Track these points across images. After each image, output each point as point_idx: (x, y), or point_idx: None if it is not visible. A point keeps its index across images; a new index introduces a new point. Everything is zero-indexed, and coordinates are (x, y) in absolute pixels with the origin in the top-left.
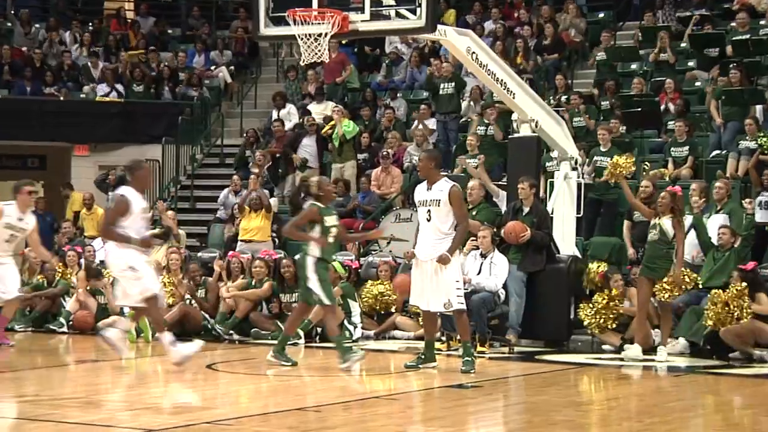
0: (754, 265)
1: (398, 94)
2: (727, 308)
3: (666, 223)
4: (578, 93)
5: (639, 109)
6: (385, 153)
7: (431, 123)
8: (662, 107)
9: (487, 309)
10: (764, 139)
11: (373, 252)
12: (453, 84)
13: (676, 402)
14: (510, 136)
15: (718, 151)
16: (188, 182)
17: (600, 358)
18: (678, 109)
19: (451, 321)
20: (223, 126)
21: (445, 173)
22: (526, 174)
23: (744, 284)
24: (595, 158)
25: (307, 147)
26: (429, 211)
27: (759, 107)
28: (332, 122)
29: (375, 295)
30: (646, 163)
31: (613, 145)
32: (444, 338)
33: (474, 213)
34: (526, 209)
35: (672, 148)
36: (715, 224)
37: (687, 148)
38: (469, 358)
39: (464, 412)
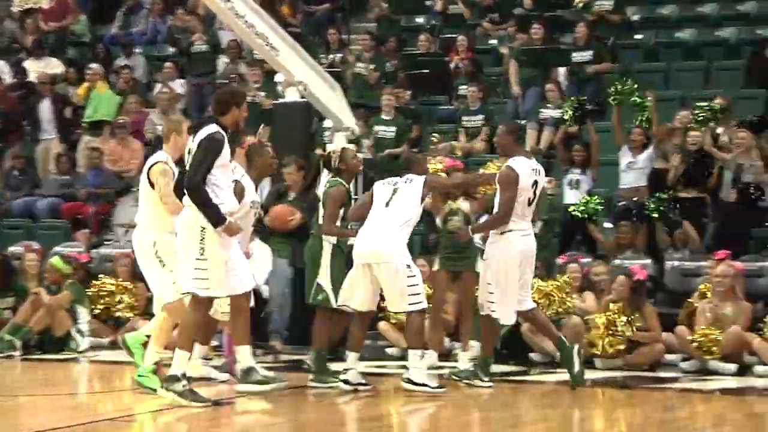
0: (645, 275)
1: (136, 50)
2: (612, 329)
3: (465, 206)
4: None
5: (426, 71)
6: (121, 121)
7: (178, 85)
8: (453, 68)
9: None
10: (570, 110)
11: (107, 242)
12: (205, 38)
13: (468, 416)
14: (274, 102)
15: (517, 121)
16: None
17: (385, 366)
18: (470, 71)
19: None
20: None
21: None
22: (292, 147)
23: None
24: (376, 128)
25: (44, 113)
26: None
27: (562, 70)
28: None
29: (108, 294)
30: (435, 135)
31: (398, 113)
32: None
33: None
34: (293, 194)
35: (464, 117)
36: None
37: (481, 116)
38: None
39: None
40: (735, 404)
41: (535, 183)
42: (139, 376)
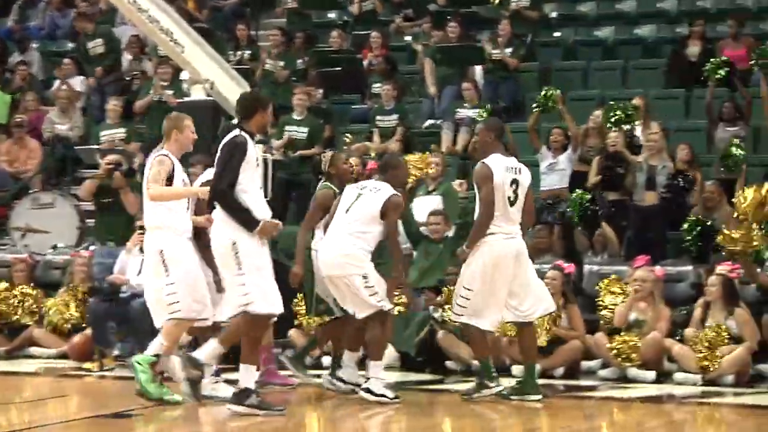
0: (573, 269)
1: (33, 45)
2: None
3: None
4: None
5: (338, 69)
6: (18, 120)
7: (78, 82)
8: (366, 66)
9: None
10: (486, 112)
11: (2, 247)
12: (101, 39)
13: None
14: (179, 101)
15: (432, 121)
16: None
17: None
18: (383, 69)
19: (104, 332)
20: None
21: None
22: (198, 149)
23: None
24: (287, 129)
25: None
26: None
27: (478, 69)
28: None
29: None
30: (347, 135)
31: (310, 112)
32: (97, 356)
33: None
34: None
35: (378, 117)
36: (426, 208)
37: (395, 116)
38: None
39: None
40: (654, 412)
41: (515, 182)
42: (137, 363)
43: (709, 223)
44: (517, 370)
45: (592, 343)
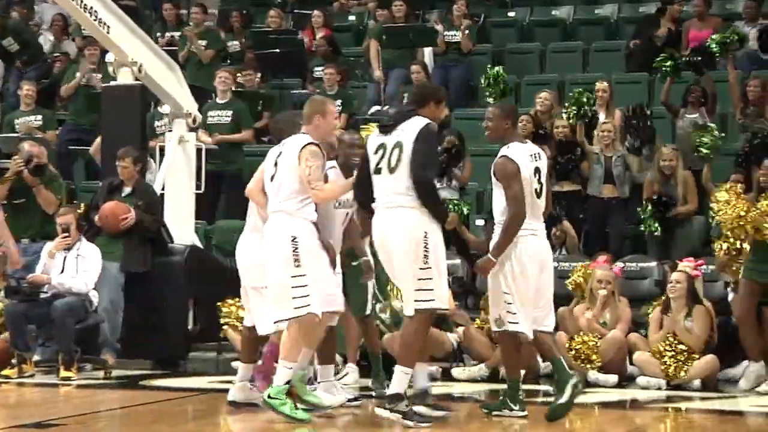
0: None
1: None
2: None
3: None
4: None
5: (277, 51)
6: None
7: None
8: (307, 47)
9: (75, 319)
10: None
11: None
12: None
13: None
14: (104, 85)
15: (378, 107)
16: None
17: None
18: (326, 51)
19: (23, 336)
20: None
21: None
22: (126, 136)
23: None
24: (209, 114)
25: None
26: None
27: (428, 50)
28: None
29: None
30: None
31: (236, 96)
32: (15, 361)
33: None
34: (128, 189)
35: None
36: None
37: (339, 101)
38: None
39: None
40: (616, 418)
41: (537, 171)
42: (270, 398)
43: (664, 199)
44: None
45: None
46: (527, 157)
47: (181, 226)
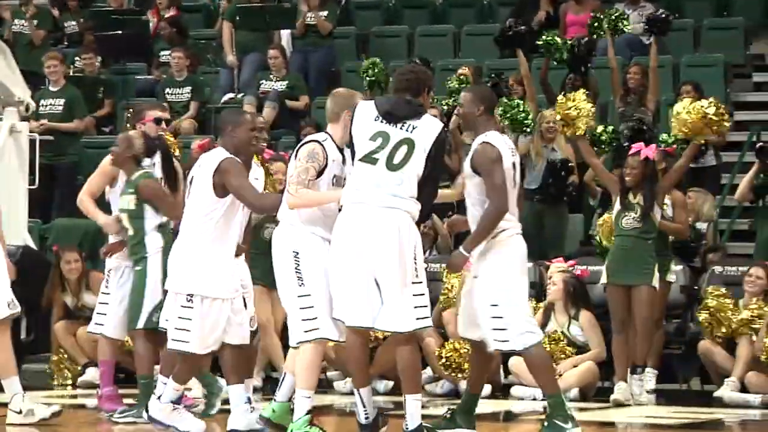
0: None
1: None
2: None
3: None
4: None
5: (119, 33)
6: None
7: None
8: (152, 30)
9: None
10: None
11: None
12: None
13: None
14: None
15: (231, 95)
16: None
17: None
18: (173, 34)
19: None
20: None
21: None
22: None
23: None
24: (42, 103)
25: None
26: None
27: (285, 33)
28: None
29: None
30: (131, 110)
31: (72, 82)
32: None
33: None
34: None
35: (167, 90)
36: None
37: (188, 89)
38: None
39: None
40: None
41: (514, 166)
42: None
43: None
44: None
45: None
46: (507, 149)
47: (13, 225)
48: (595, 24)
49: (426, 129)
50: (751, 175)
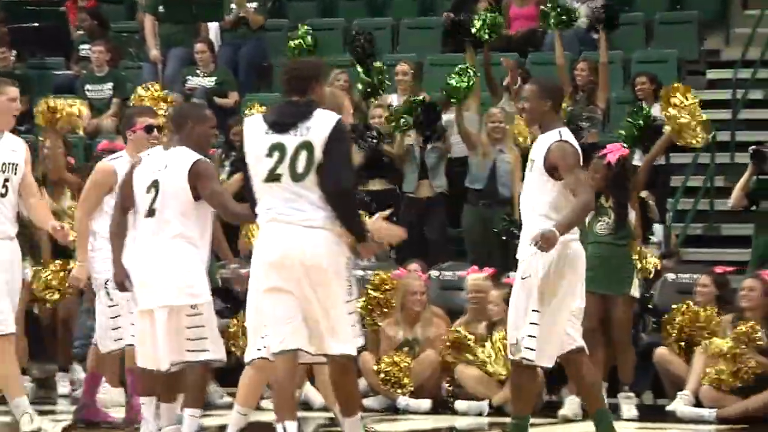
0: None
1: None
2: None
3: None
4: None
5: (35, 25)
6: None
7: None
8: (71, 22)
9: None
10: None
11: None
12: None
13: None
14: None
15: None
16: None
17: None
18: (92, 27)
19: None
20: None
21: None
22: None
23: None
24: None
25: None
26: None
27: (213, 26)
28: None
29: None
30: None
31: None
32: None
33: None
34: None
35: (87, 86)
36: None
37: (110, 85)
38: None
39: None
40: None
41: None
42: None
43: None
44: None
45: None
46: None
47: None
48: (545, 17)
49: (320, 126)
50: (744, 179)
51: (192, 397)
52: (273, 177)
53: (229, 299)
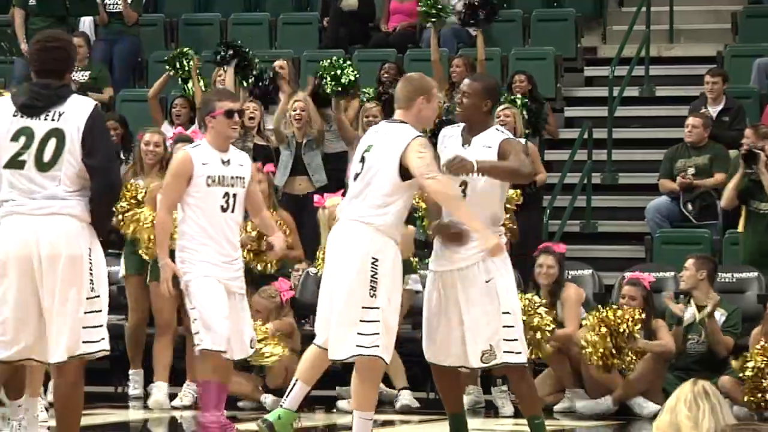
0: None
1: None
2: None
3: None
4: None
5: None
6: None
7: None
8: None
9: None
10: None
11: None
12: None
13: None
14: None
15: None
16: None
17: None
18: None
19: None
20: None
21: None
22: None
23: None
24: None
25: None
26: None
27: (88, 20)
28: None
29: None
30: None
31: None
32: None
33: None
34: None
35: None
36: None
37: None
38: None
39: None
40: None
41: None
42: None
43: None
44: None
45: None
46: None
47: None
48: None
49: (74, 112)
50: (736, 180)
51: None
52: (16, 164)
53: None
